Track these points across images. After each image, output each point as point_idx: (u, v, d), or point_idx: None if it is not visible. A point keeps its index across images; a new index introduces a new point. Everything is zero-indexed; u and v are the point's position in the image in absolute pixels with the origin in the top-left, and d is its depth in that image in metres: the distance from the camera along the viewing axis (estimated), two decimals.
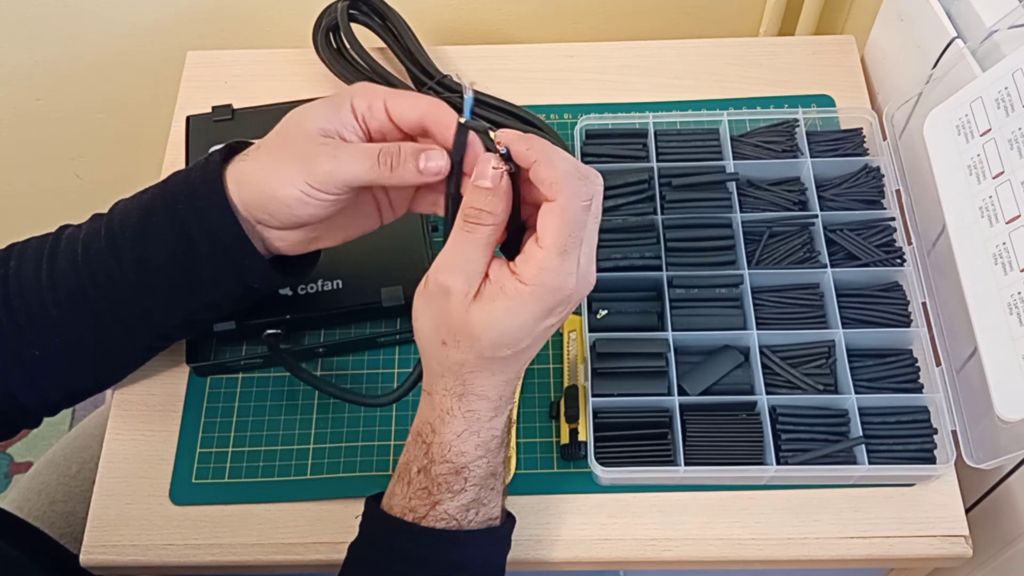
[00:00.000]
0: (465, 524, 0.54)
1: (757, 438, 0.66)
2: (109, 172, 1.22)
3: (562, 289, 0.50)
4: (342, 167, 0.53)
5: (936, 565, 0.69)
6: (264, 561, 0.66)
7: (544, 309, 0.50)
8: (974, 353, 0.64)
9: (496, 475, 0.55)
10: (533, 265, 0.49)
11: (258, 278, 0.60)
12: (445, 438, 0.53)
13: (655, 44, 0.89)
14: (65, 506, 0.83)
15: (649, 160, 0.77)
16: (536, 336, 0.52)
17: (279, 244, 0.59)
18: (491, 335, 0.50)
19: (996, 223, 0.62)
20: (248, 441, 0.69)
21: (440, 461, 0.53)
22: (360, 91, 0.56)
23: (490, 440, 0.54)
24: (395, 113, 0.55)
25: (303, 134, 0.55)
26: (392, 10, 0.85)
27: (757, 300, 0.71)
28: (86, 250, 0.59)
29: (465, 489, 0.54)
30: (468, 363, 0.52)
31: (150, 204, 0.59)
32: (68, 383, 0.63)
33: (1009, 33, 0.66)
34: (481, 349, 0.51)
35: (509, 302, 0.50)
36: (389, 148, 0.53)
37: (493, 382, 0.53)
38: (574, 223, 0.49)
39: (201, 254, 0.58)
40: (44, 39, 1.04)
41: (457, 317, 0.51)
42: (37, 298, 0.59)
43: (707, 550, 0.65)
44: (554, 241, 0.49)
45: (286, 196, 0.54)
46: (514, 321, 0.50)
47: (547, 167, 0.50)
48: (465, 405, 0.53)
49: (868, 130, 0.78)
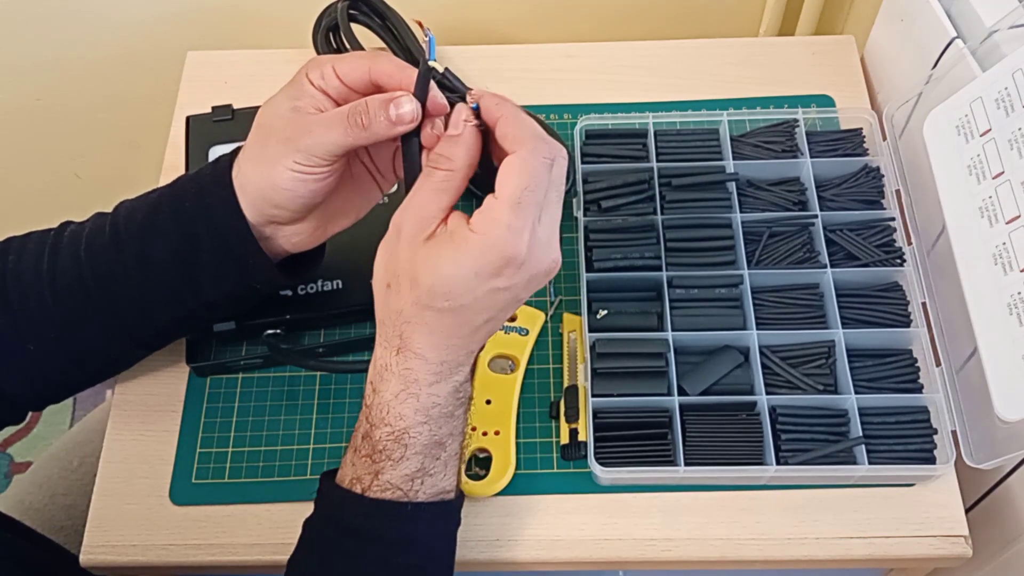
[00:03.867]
0: (412, 495, 0.53)
1: (757, 438, 0.66)
2: (109, 172, 1.22)
3: (510, 247, 0.49)
4: (319, 137, 0.54)
5: (936, 565, 0.69)
6: (264, 561, 0.66)
7: (489, 265, 0.49)
8: (974, 353, 0.64)
9: (442, 445, 0.54)
10: (485, 215, 0.49)
11: (261, 278, 0.60)
12: (383, 398, 0.52)
13: (655, 44, 0.89)
14: (66, 499, 0.83)
15: (649, 160, 0.77)
16: (478, 297, 0.50)
17: (295, 240, 0.60)
18: (430, 279, 0.50)
19: (996, 223, 0.62)
20: (248, 441, 0.69)
21: (380, 423, 0.53)
22: (311, 64, 0.57)
23: (431, 407, 0.53)
24: (343, 75, 0.56)
25: (279, 119, 0.56)
26: (392, 10, 0.85)
27: (757, 300, 0.71)
28: (89, 245, 0.59)
29: (407, 457, 0.52)
30: (405, 311, 0.51)
31: (158, 202, 0.60)
32: (59, 378, 0.63)
33: (1009, 33, 0.66)
34: (419, 294, 0.50)
35: (455, 248, 0.49)
36: (356, 106, 0.54)
37: (431, 341, 0.51)
38: (532, 177, 0.49)
39: (205, 251, 0.58)
40: (44, 39, 1.04)
41: (403, 257, 0.51)
42: (35, 292, 0.59)
43: (707, 550, 0.65)
44: (510, 192, 0.49)
45: (282, 179, 0.55)
46: (455, 268, 0.49)
47: (512, 123, 0.51)
48: (402, 362, 0.52)
49: (868, 130, 0.78)
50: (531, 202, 0.49)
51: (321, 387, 0.72)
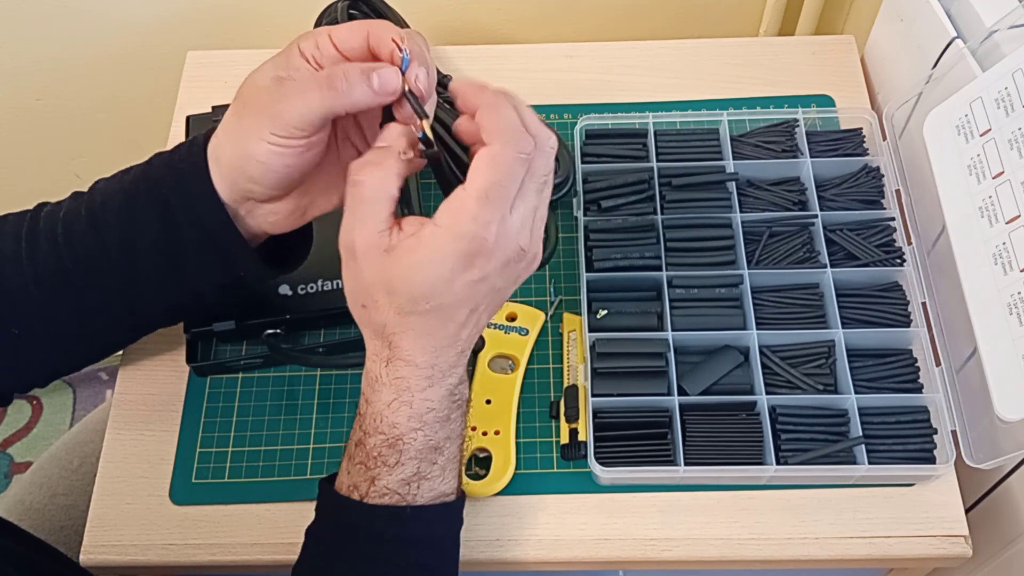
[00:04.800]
0: (411, 499, 0.52)
1: (757, 438, 0.66)
2: (109, 172, 1.21)
3: (476, 240, 0.48)
4: (293, 103, 0.52)
5: (936, 565, 0.69)
6: (264, 561, 0.66)
7: (460, 256, 0.48)
8: (974, 353, 0.64)
9: (438, 450, 0.53)
10: (452, 206, 0.48)
11: (244, 267, 0.59)
12: (376, 408, 0.52)
13: (655, 44, 0.89)
14: (66, 499, 0.83)
15: (649, 160, 0.77)
16: (456, 292, 0.49)
17: (272, 219, 0.58)
18: (407, 285, 0.49)
19: (996, 223, 0.62)
20: (248, 441, 0.69)
21: (373, 432, 0.52)
22: (305, 35, 0.55)
23: (425, 412, 0.52)
24: (339, 42, 0.53)
25: (259, 90, 0.54)
26: (392, 10, 0.85)
27: (757, 300, 0.71)
28: (67, 230, 0.58)
29: (402, 463, 0.52)
30: (390, 323, 0.50)
31: (133, 186, 0.58)
32: (44, 363, 0.61)
33: (1009, 33, 0.66)
34: (400, 304, 0.49)
35: (424, 248, 0.48)
36: (334, 70, 0.52)
37: (420, 346, 0.51)
38: (504, 171, 0.48)
39: (187, 241, 0.57)
40: (44, 39, 1.04)
41: (368, 274, 0.49)
42: (17, 278, 0.57)
43: (707, 550, 0.65)
44: (478, 185, 0.48)
45: (258, 151, 0.53)
46: (429, 268, 0.48)
47: (489, 114, 0.49)
48: (393, 372, 0.51)
49: (868, 130, 0.78)
50: (500, 197, 0.48)
51: (321, 387, 0.72)
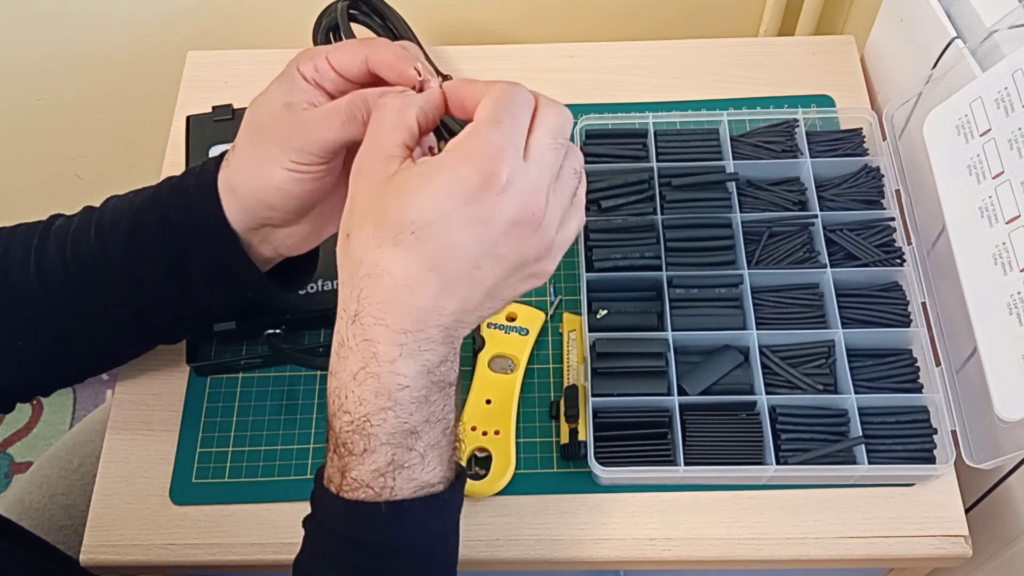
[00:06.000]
0: (388, 493, 0.47)
1: (757, 438, 0.66)
2: (109, 172, 1.22)
3: (489, 162, 0.44)
4: (315, 133, 0.52)
5: (936, 565, 0.69)
6: (264, 561, 0.66)
7: (464, 181, 0.44)
8: (974, 353, 0.64)
9: (415, 434, 0.47)
10: (463, 135, 0.45)
11: (253, 287, 0.59)
12: (342, 379, 0.47)
13: (655, 44, 0.89)
14: (66, 499, 0.83)
15: (649, 160, 0.77)
16: (452, 230, 0.44)
17: (289, 243, 0.58)
18: (396, 205, 0.44)
19: (996, 223, 0.62)
20: (248, 441, 0.69)
21: (339, 411, 0.47)
22: (302, 56, 0.54)
23: (395, 389, 0.46)
24: (339, 67, 0.53)
25: (271, 116, 0.54)
26: (392, 10, 0.85)
27: (757, 300, 0.71)
28: (75, 247, 0.58)
29: (371, 449, 0.46)
30: (365, 259, 0.45)
31: (141, 209, 0.58)
32: (50, 372, 0.62)
33: (1009, 33, 0.66)
34: (383, 231, 0.45)
35: (426, 167, 0.45)
36: (355, 99, 0.51)
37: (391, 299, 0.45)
38: (511, 99, 0.46)
39: (194, 264, 0.57)
40: (44, 38, 1.04)
41: (364, 197, 0.46)
42: (25, 289, 0.58)
43: (707, 550, 0.65)
44: (488, 113, 0.45)
45: (277, 179, 0.53)
46: (426, 187, 0.44)
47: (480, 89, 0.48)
48: (359, 332, 0.46)
49: (868, 130, 0.78)
50: (513, 121, 0.45)
51: (321, 387, 0.72)
